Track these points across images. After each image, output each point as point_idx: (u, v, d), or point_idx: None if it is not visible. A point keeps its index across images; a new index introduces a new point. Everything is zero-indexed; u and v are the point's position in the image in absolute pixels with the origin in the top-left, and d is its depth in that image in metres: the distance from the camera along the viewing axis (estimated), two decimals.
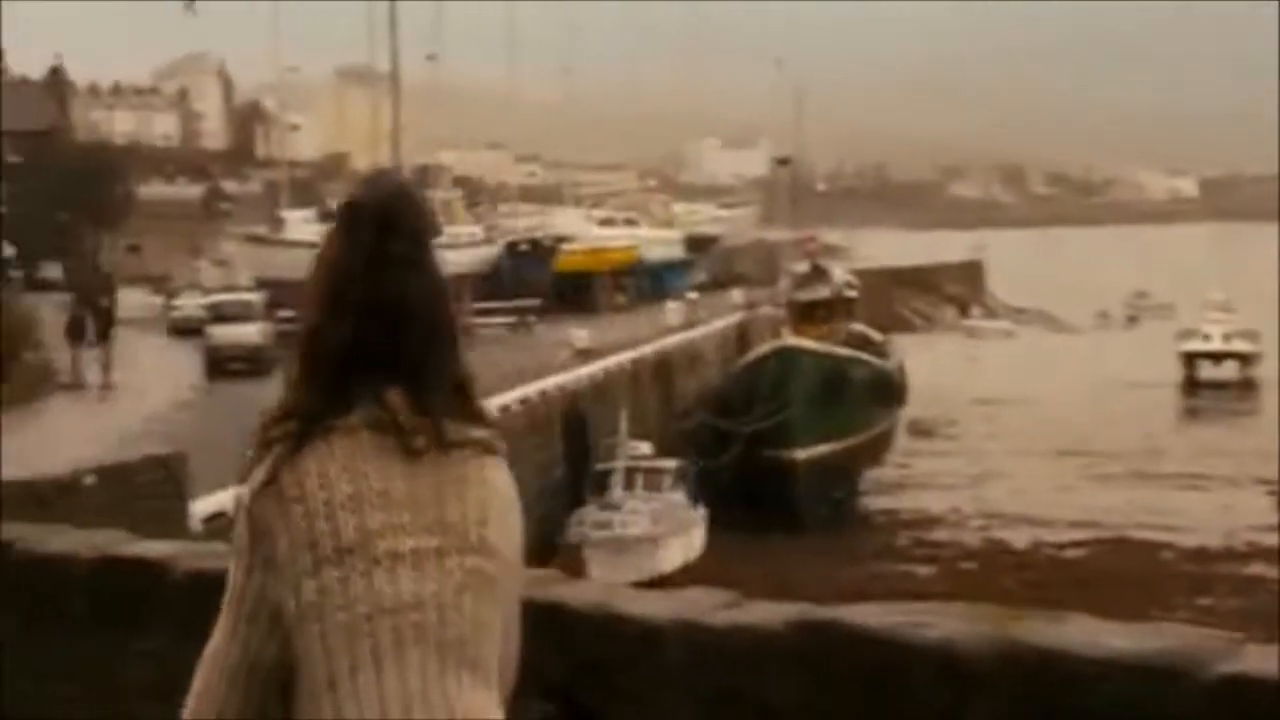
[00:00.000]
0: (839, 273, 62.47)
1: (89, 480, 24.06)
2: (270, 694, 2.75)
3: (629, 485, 39.03)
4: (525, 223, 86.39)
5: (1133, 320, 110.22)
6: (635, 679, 4.50)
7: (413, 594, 2.68)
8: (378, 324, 2.75)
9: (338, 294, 2.78)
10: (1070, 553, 40.44)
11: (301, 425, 2.74)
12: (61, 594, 6.17)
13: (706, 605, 4.48)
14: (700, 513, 39.92)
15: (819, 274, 60.02)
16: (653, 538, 37.10)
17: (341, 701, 2.64)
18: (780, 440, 45.38)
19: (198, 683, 2.81)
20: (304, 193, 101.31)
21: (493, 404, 38.53)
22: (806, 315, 55.46)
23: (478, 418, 2.84)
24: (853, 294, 60.65)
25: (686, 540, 38.50)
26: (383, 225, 2.79)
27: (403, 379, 2.75)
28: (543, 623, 4.71)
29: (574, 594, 4.79)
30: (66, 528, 7.07)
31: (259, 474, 2.75)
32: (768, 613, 4.31)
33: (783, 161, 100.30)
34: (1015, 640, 3.84)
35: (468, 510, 2.75)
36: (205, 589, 3.65)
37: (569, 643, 4.65)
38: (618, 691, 4.54)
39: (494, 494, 2.81)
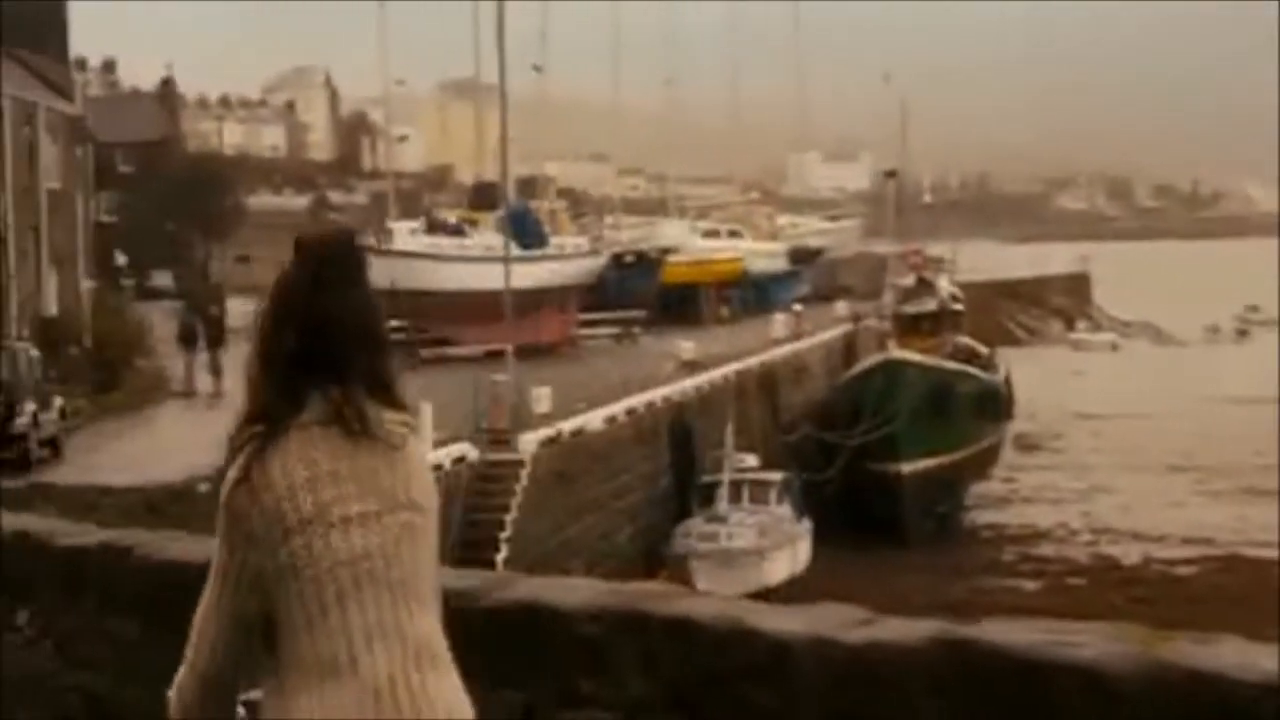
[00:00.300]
0: (944, 285, 62.06)
1: (203, 488, 24.30)
2: (253, 634, 3.38)
3: (735, 498, 38.95)
4: (630, 234, 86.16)
5: (1243, 334, 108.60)
6: (765, 693, 4.42)
7: (363, 547, 3.33)
8: (318, 334, 3.39)
9: (287, 310, 3.42)
10: (1181, 570, 39.90)
11: (265, 428, 3.37)
12: (181, 600, 6.14)
13: (839, 621, 4.39)
14: (805, 526, 39.77)
15: (925, 287, 59.70)
16: (759, 550, 37.02)
17: (317, 637, 3.28)
18: (886, 454, 45.10)
19: (196, 626, 3.43)
20: (409, 203, 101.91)
21: (599, 414, 38.94)
22: (912, 328, 55.14)
23: (400, 406, 3.49)
24: (959, 307, 60.24)
25: (792, 553, 38.38)
26: (323, 256, 3.45)
27: (341, 378, 3.39)
28: (670, 635, 4.64)
29: (702, 607, 4.72)
30: (183, 534, 7.09)
31: (233, 472, 3.38)
32: (905, 630, 4.21)
33: (890, 174, 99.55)
34: (1164, 661, 3.73)
35: (396, 478, 3.41)
36: None
37: (697, 656, 4.58)
38: (747, 705, 4.47)
39: (415, 464, 3.48)
